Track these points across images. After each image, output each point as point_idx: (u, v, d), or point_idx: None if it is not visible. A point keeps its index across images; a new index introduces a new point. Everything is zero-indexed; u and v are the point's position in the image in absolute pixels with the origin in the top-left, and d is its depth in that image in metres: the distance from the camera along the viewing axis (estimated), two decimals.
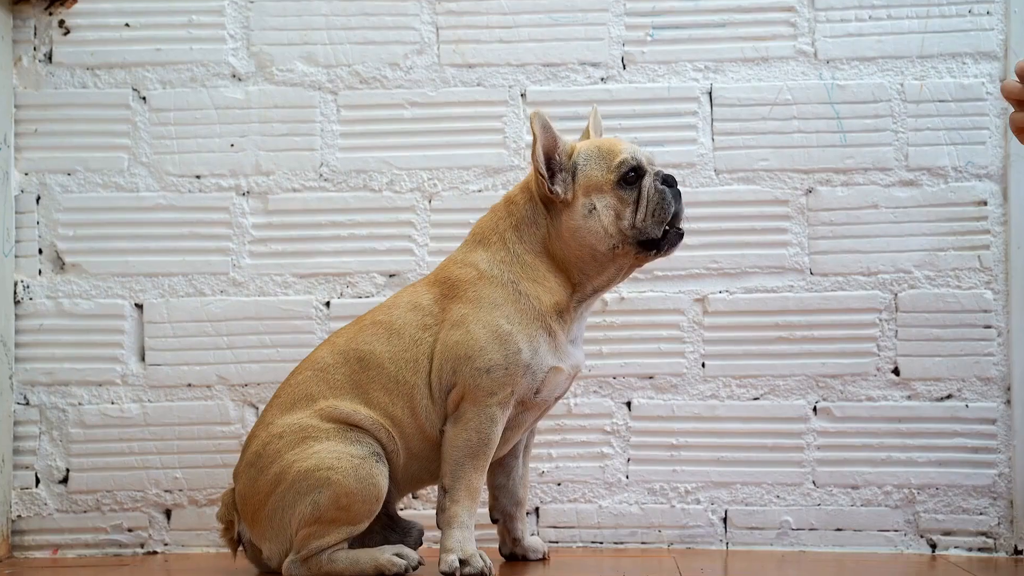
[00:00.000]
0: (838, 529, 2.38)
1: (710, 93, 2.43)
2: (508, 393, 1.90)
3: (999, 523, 2.36)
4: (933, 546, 2.37)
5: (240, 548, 2.04)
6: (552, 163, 1.93)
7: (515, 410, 1.95)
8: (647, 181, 1.94)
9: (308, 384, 1.98)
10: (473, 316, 1.92)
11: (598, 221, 1.92)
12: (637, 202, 1.92)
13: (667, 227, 1.93)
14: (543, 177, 1.92)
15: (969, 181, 2.39)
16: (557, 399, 2.04)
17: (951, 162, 2.39)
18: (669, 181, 1.95)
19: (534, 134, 1.90)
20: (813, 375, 2.39)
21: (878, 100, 2.40)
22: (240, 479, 1.98)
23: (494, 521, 2.14)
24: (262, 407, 2.26)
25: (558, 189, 1.92)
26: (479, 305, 1.92)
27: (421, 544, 2.08)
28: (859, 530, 2.37)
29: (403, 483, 2.02)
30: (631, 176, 1.93)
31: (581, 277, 1.96)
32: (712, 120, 2.42)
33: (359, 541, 1.98)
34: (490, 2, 2.43)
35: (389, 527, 2.06)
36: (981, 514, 2.36)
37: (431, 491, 2.36)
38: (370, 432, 1.93)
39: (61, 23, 2.46)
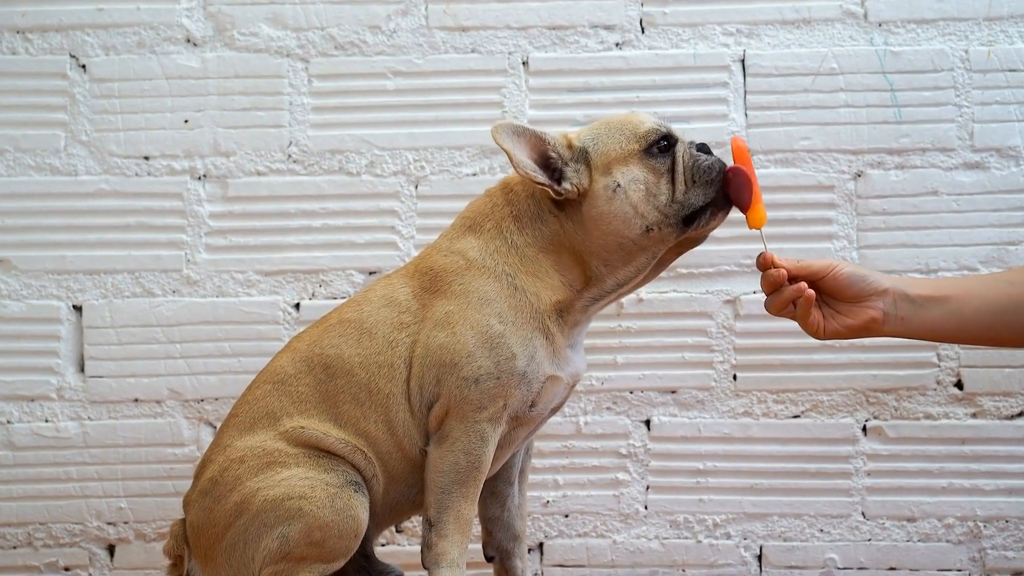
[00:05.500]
0: (891, 568, 2.34)
1: (743, 61, 2.38)
2: (500, 407, 1.81)
3: None
4: None
5: None
6: (551, 162, 1.84)
7: (507, 426, 1.86)
8: (680, 148, 1.84)
9: (268, 399, 1.89)
10: (460, 314, 1.83)
11: (625, 200, 1.82)
12: (672, 171, 1.83)
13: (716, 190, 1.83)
14: (545, 185, 1.83)
15: None
16: (554, 411, 1.95)
17: (1023, 141, 2.34)
18: (705, 148, 1.86)
19: (504, 150, 1.81)
20: (862, 389, 2.35)
21: (938, 69, 2.35)
22: (192, 509, 1.89)
23: (489, 559, 2.04)
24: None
25: (568, 186, 1.83)
26: (467, 300, 1.84)
27: None
28: (916, 569, 2.34)
29: (383, 514, 1.92)
30: (663, 144, 1.83)
31: (602, 269, 1.86)
32: (745, 92, 2.38)
33: None
34: None
35: (364, 569, 1.96)
36: None
37: (416, 524, 2.31)
38: (344, 458, 1.84)
39: None
